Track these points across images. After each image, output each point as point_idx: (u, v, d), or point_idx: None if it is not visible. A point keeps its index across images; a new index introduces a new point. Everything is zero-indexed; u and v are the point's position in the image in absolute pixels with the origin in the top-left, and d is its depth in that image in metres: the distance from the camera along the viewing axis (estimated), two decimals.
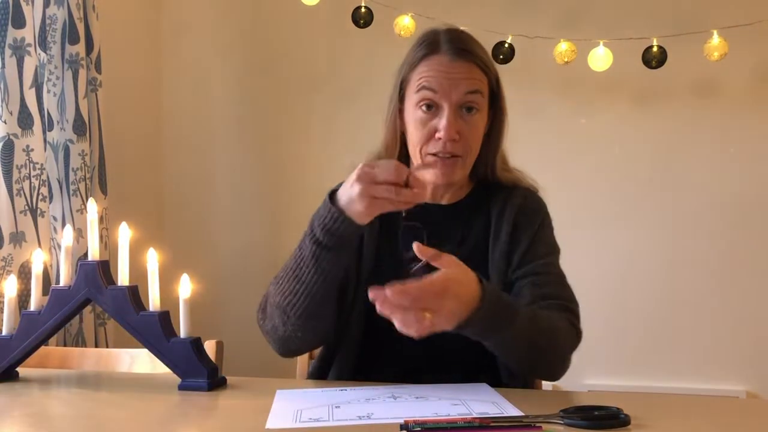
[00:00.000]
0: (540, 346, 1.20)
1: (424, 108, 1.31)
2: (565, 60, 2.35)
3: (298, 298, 1.21)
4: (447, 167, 1.31)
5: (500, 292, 1.17)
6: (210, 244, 2.84)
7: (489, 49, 2.40)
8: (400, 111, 1.37)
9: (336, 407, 1.07)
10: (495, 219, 1.36)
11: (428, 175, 1.33)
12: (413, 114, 1.32)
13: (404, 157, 1.39)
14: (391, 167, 1.11)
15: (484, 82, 1.32)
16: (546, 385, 1.54)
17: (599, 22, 2.51)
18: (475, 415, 0.99)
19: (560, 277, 1.35)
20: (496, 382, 1.22)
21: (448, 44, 1.31)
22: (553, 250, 1.39)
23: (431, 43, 1.33)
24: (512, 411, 1.02)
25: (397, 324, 1.03)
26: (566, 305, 1.28)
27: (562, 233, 1.46)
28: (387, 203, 1.12)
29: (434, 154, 1.31)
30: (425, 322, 1.02)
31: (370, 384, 1.22)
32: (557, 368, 1.26)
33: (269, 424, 1.00)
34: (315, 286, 1.19)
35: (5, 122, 1.89)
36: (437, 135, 1.29)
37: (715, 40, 2.24)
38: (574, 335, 1.27)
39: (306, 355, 1.52)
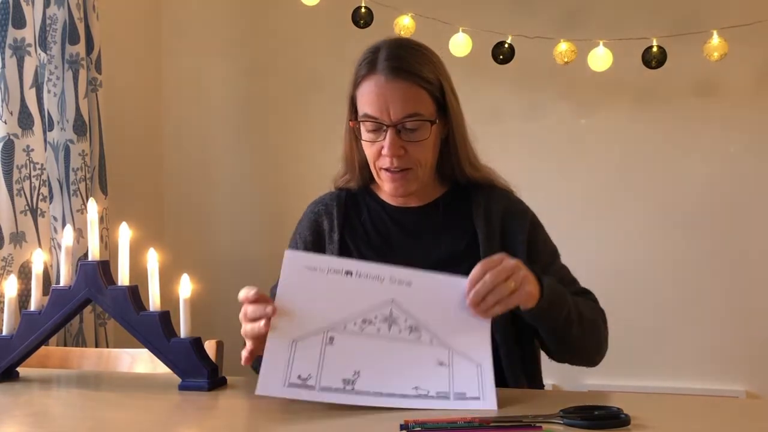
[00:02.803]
0: (589, 322, 1.29)
1: (369, 128, 1.33)
2: (565, 60, 2.35)
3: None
4: (398, 180, 1.34)
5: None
6: (210, 244, 2.84)
7: (489, 49, 2.40)
8: (355, 124, 1.38)
9: (329, 342, 1.08)
10: (482, 225, 1.36)
11: (386, 187, 1.37)
12: (360, 135, 1.36)
13: (363, 166, 1.42)
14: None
15: (424, 98, 1.32)
16: (546, 385, 1.54)
17: (599, 22, 2.51)
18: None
19: (569, 275, 1.41)
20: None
21: (384, 63, 1.32)
22: (554, 248, 1.43)
23: (370, 62, 1.34)
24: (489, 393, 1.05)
25: (496, 307, 1.10)
26: (591, 297, 1.39)
27: (562, 232, 1.47)
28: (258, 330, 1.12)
29: (385, 170, 1.34)
30: (513, 290, 1.10)
31: (375, 269, 1.14)
32: (600, 349, 1.34)
33: (259, 389, 1.06)
34: None
35: (5, 122, 1.89)
36: (383, 152, 1.32)
37: (715, 40, 2.24)
38: (605, 318, 1.36)
39: None
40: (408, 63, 1.32)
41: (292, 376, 1.06)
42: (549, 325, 1.23)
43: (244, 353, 1.15)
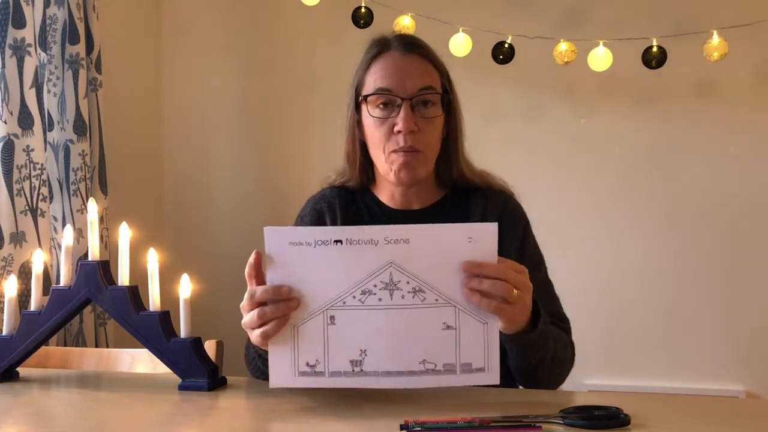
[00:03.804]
0: (559, 362, 1.25)
1: (381, 106, 1.32)
2: (565, 60, 2.35)
3: (265, 376, 1.23)
4: (410, 160, 1.31)
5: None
6: (210, 244, 2.84)
7: (489, 49, 2.41)
8: (358, 119, 1.37)
9: (330, 322, 1.05)
10: None
11: (392, 175, 1.34)
12: (372, 113, 1.33)
13: (365, 165, 1.40)
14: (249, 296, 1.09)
15: (436, 77, 1.35)
16: None
17: (599, 22, 2.51)
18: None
19: (552, 292, 1.37)
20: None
21: (397, 41, 1.35)
22: (541, 260, 1.40)
23: (382, 43, 1.36)
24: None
25: (482, 299, 1.04)
26: (565, 327, 1.33)
27: (561, 232, 1.47)
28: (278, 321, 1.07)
29: (395, 151, 1.31)
30: (511, 298, 1.04)
31: (367, 232, 1.06)
32: (560, 383, 1.31)
33: (272, 382, 1.06)
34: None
35: (5, 122, 1.89)
36: (396, 129, 1.30)
37: (715, 40, 2.24)
38: (573, 354, 1.32)
39: None
40: (420, 43, 1.37)
41: (301, 365, 1.05)
42: (522, 357, 1.20)
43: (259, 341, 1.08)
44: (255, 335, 1.08)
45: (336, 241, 1.04)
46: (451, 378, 1.05)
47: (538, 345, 1.17)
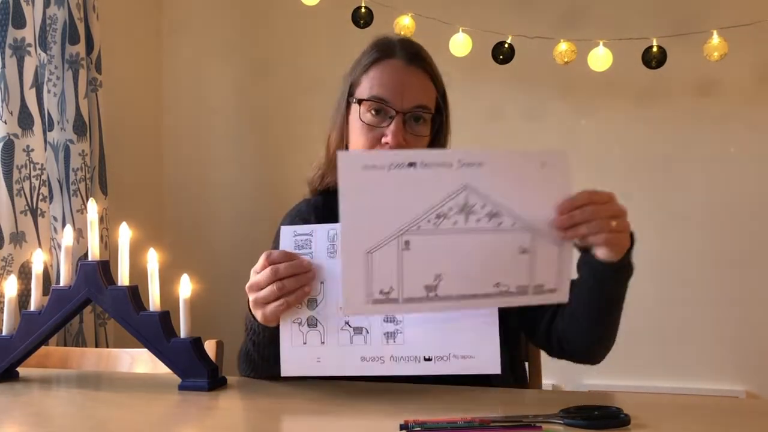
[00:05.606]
0: (621, 310, 1.27)
1: (372, 112, 1.29)
2: (565, 60, 2.35)
3: (259, 372, 1.25)
4: None
5: None
6: (210, 244, 2.84)
7: (489, 49, 2.41)
8: (347, 117, 1.35)
9: (405, 247, 1.03)
10: None
11: None
12: (361, 117, 1.30)
13: None
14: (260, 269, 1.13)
15: (432, 95, 1.31)
16: (546, 384, 1.54)
17: (599, 22, 2.51)
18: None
19: None
20: (485, 381, 1.21)
21: (402, 50, 1.31)
22: None
23: (385, 48, 1.32)
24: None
25: (588, 234, 1.06)
26: None
27: None
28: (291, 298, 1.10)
29: None
30: (613, 228, 1.09)
31: (441, 155, 1.07)
32: (612, 344, 1.32)
33: (346, 309, 1.05)
34: (269, 362, 1.18)
35: (5, 122, 1.89)
36: (383, 140, 1.27)
37: (715, 40, 2.24)
38: None
39: None
40: (424, 55, 1.33)
41: (374, 292, 1.02)
42: (609, 291, 1.20)
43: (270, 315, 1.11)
44: (271, 308, 1.09)
45: (410, 164, 1.01)
46: (522, 299, 1.06)
47: (628, 275, 1.20)
